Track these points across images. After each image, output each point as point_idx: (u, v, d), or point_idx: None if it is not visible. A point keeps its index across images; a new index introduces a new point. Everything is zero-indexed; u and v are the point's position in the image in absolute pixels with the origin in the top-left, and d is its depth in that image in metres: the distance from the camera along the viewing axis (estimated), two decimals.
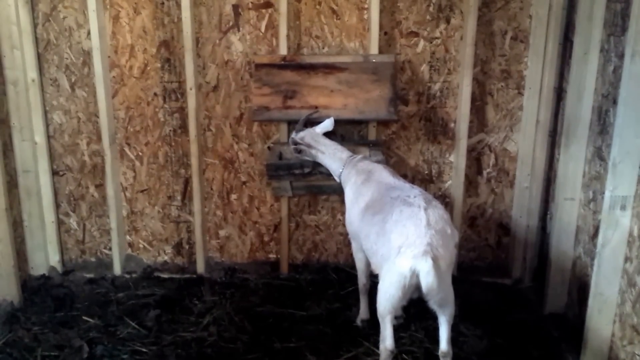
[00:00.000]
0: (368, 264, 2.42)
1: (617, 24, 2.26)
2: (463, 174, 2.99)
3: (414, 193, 2.17)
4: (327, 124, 2.69)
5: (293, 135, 2.69)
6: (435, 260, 1.88)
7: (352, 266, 2.71)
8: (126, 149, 3.11)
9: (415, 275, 1.90)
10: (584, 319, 2.30)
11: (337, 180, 2.59)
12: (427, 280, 1.86)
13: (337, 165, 2.58)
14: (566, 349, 2.47)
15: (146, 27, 2.92)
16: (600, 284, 2.18)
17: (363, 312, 2.66)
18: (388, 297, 2.01)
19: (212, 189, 3.16)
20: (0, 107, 2.81)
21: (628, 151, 2.04)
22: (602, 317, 2.19)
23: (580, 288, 2.56)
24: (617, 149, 2.07)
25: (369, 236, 2.21)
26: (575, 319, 2.58)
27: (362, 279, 2.61)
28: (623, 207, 2.08)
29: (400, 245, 1.95)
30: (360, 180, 2.44)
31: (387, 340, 2.08)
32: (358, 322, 2.66)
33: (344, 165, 2.55)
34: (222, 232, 3.23)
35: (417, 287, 1.96)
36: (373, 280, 2.43)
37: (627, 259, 2.11)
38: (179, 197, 3.18)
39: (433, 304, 2.08)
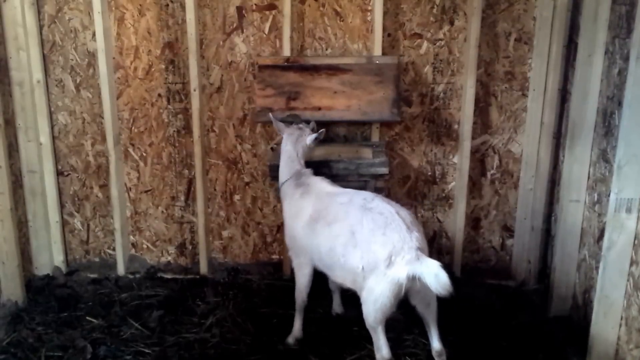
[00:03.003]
0: (311, 280, 2.38)
1: (622, 26, 2.24)
2: (467, 176, 2.99)
3: (367, 196, 2.14)
4: (318, 135, 2.51)
5: (291, 118, 2.60)
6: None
7: None
8: (130, 150, 3.12)
9: (414, 280, 1.86)
10: (589, 322, 2.29)
11: (279, 187, 2.51)
12: (439, 280, 1.78)
13: (285, 173, 2.49)
14: (571, 352, 2.45)
15: (151, 28, 2.94)
16: (605, 287, 2.16)
17: (297, 331, 2.54)
18: (379, 307, 1.97)
19: (215, 189, 3.17)
20: (5, 107, 2.82)
21: (634, 154, 2.03)
22: (607, 320, 2.18)
23: (585, 291, 2.54)
24: (622, 151, 2.06)
25: (333, 249, 2.12)
26: (580, 322, 2.56)
27: (302, 296, 2.47)
28: (629, 210, 2.07)
29: (389, 254, 1.90)
30: (298, 194, 2.38)
31: (382, 349, 2.05)
32: (290, 340, 2.52)
33: (290, 176, 2.45)
34: (225, 233, 3.23)
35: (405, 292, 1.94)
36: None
37: (632, 262, 2.10)
38: (182, 198, 3.19)
39: (420, 305, 2.07)
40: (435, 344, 2.13)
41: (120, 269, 3.16)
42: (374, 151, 2.84)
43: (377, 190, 2.93)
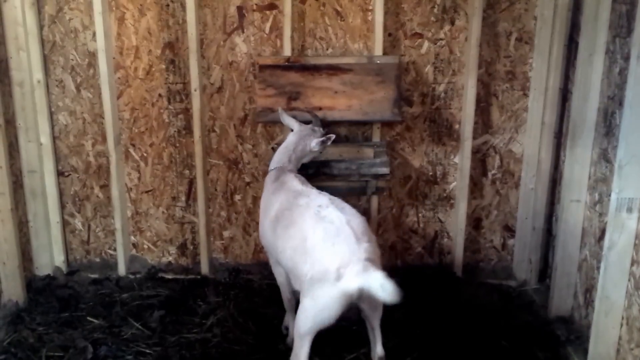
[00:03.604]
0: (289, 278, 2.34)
1: (622, 26, 2.24)
2: (468, 176, 2.99)
3: (323, 202, 2.12)
4: (326, 139, 2.54)
5: (313, 117, 2.64)
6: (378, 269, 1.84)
7: None
8: (131, 150, 3.12)
9: (362, 292, 1.83)
10: (590, 322, 2.29)
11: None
12: (385, 290, 1.76)
13: (275, 161, 2.53)
14: (572, 352, 2.46)
15: (151, 28, 2.94)
16: (606, 287, 2.16)
17: (293, 330, 2.45)
18: (319, 318, 1.94)
19: (216, 189, 3.17)
20: (6, 108, 2.82)
21: (634, 153, 2.03)
22: (608, 320, 2.18)
23: (586, 291, 2.54)
24: (623, 151, 2.05)
25: (285, 251, 2.13)
26: (582, 321, 2.57)
27: (286, 294, 2.45)
28: (629, 210, 2.07)
29: (338, 266, 1.87)
30: (271, 190, 2.38)
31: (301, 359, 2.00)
32: (289, 341, 2.48)
33: (276, 166, 2.49)
34: (226, 233, 3.23)
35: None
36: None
37: (634, 262, 2.10)
38: (183, 198, 3.19)
39: (367, 309, 2.05)
40: (378, 348, 2.12)
41: (121, 269, 3.16)
42: (375, 151, 2.84)
43: (378, 190, 2.94)
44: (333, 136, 2.52)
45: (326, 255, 1.93)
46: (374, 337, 2.14)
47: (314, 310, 1.95)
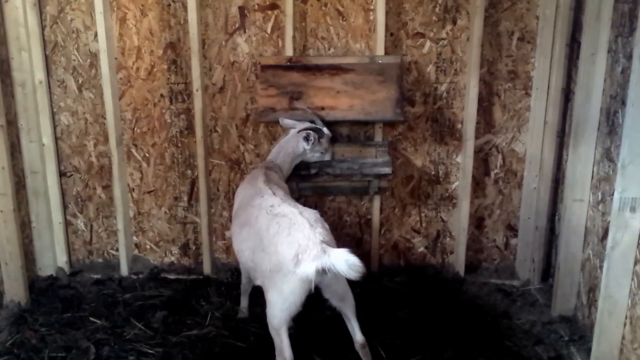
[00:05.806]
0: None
1: (624, 25, 2.24)
2: (470, 175, 2.98)
3: (275, 202, 2.16)
4: (307, 135, 2.64)
5: (317, 118, 2.72)
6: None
7: None
8: (133, 150, 3.12)
9: (323, 274, 1.87)
10: (593, 321, 2.29)
11: None
12: (349, 263, 1.78)
13: (269, 155, 2.67)
14: (575, 351, 2.45)
15: (153, 29, 2.94)
16: (610, 287, 2.16)
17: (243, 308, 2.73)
18: (288, 307, 1.99)
19: (218, 190, 3.17)
20: (8, 108, 2.82)
21: (637, 152, 2.03)
22: (612, 319, 2.18)
23: (589, 290, 2.54)
24: (626, 150, 2.05)
25: (242, 252, 2.22)
26: (585, 321, 2.56)
27: (243, 279, 2.66)
28: (633, 209, 2.06)
29: (296, 253, 1.91)
30: (243, 182, 2.51)
31: (285, 351, 2.03)
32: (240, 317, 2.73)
33: (268, 159, 2.62)
34: (228, 233, 3.23)
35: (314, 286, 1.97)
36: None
37: (637, 261, 2.09)
38: (185, 198, 3.19)
39: (334, 299, 2.10)
40: (358, 336, 2.17)
41: (124, 270, 3.16)
42: (377, 151, 2.84)
43: (380, 190, 2.94)
44: (312, 132, 2.58)
45: (282, 245, 1.97)
46: (352, 326, 2.18)
47: (280, 302, 1.99)
